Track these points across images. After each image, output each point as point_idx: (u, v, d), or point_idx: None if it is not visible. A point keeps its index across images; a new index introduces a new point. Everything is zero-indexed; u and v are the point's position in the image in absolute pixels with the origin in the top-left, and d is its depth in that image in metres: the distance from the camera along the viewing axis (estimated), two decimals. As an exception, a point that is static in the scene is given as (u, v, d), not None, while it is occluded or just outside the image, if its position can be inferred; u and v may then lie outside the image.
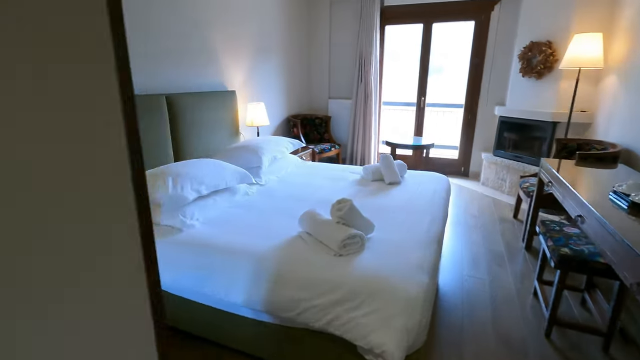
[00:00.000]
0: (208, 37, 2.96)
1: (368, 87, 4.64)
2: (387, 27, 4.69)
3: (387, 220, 1.82)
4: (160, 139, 2.44)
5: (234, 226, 1.78)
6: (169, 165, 1.97)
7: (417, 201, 2.09)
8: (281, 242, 1.59)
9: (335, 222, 1.56)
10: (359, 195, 2.24)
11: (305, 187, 2.43)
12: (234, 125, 3.26)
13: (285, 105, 4.50)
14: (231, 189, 2.18)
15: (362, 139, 4.86)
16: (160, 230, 1.72)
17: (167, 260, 1.57)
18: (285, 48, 4.26)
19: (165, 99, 2.49)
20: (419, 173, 2.76)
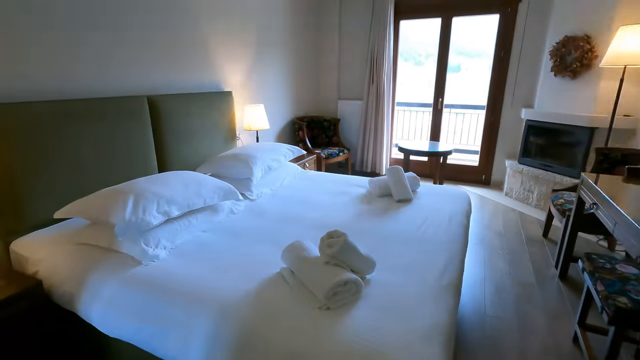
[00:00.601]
0: (201, 28, 2.67)
1: (380, 87, 4.27)
2: (402, 22, 4.31)
3: (391, 255, 1.47)
4: (141, 147, 2.16)
5: (205, 258, 1.47)
6: (134, 182, 1.68)
7: (430, 229, 1.73)
8: (258, 284, 1.27)
9: (324, 261, 1.23)
10: (361, 217, 1.90)
11: (301, 204, 2.11)
12: (230, 130, 2.97)
13: (291, 106, 4.19)
14: (213, 206, 1.88)
15: (373, 143, 4.51)
16: (118, 259, 1.43)
17: (119, 303, 1.27)
18: (290, 44, 3.95)
19: (147, 101, 2.21)
20: (435, 188, 2.40)
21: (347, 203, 2.10)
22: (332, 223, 1.81)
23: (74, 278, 1.38)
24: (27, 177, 1.62)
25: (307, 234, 1.70)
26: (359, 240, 1.55)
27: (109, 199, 1.50)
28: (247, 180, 2.26)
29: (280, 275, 1.34)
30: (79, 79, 1.92)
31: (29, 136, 1.61)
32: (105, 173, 1.96)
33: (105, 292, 1.30)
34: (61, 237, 1.60)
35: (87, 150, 1.86)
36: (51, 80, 1.79)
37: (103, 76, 2.04)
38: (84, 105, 1.84)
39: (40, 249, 1.54)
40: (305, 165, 3.48)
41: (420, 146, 3.73)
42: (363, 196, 2.23)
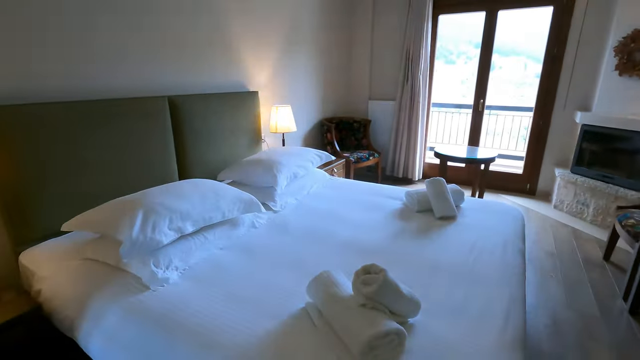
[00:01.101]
0: (225, 26, 2.51)
1: (415, 87, 3.98)
2: (441, 16, 3.98)
3: (438, 292, 1.23)
4: (161, 151, 2.03)
5: (220, 284, 1.29)
6: (147, 192, 1.52)
7: (483, 257, 1.46)
8: (279, 323, 1.07)
9: (360, 303, 1.01)
10: (398, 237, 1.65)
11: (329, 218, 1.89)
12: (255, 132, 2.80)
13: (319, 107, 3.98)
14: (232, 220, 1.70)
15: (406, 146, 4.22)
16: (124, 281, 1.28)
17: (120, 338, 1.11)
18: (319, 41, 3.73)
19: (167, 102, 2.07)
20: (481, 203, 2.11)
21: (381, 219, 1.87)
22: (365, 244, 1.59)
23: (75, 302, 1.23)
24: (38, 182, 1.51)
25: (336, 257, 1.48)
26: (397, 268, 1.32)
27: (117, 213, 1.35)
28: (270, 189, 2.07)
29: (305, 311, 1.13)
30: (95, 79, 1.79)
31: (41, 139, 1.50)
32: (122, 179, 1.83)
33: (106, 323, 1.14)
34: (69, 250, 1.48)
35: (103, 155, 1.73)
36: (65, 80, 1.67)
37: (121, 75, 1.91)
38: (100, 106, 1.71)
39: (46, 264, 1.42)
40: (334, 171, 3.26)
41: (458, 152, 3.41)
42: (399, 211, 1.98)
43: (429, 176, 4.46)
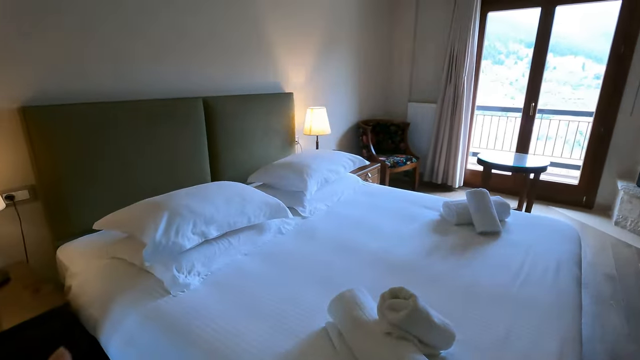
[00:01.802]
0: (262, 27, 2.49)
1: (459, 89, 3.75)
2: (490, 14, 3.72)
3: (476, 320, 1.09)
4: (194, 151, 2.04)
5: (241, 294, 1.24)
6: (174, 195, 1.51)
7: (531, 282, 1.29)
8: (299, 343, 1.00)
9: (385, 331, 0.91)
10: (433, 253, 1.52)
11: (359, 227, 1.79)
12: (289, 134, 2.76)
13: (355, 109, 3.87)
14: (258, 225, 1.66)
15: (446, 151, 3.99)
16: (147, 283, 1.27)
17: (137, 343, 1.10)
18: (358, 41, 3.63)
19: (202, 103, 2.08)
20: (531, 218, 1.90)
21: (415, 232, 1.74)
22: (396, 259, 1.47)
23: (99, 301, 1.24)
24: (77, 180, 1.56)
25: (364, 271, 1.39)
26: (429, 289, 1.21)
27: (143, 214, 1.35)
28: (300, 193, 2.01)
29: (325, 332, 1.05)
30: (134, 81, 1.83)
31: (80, 139, 1.55)
32: (157, 179, 1.86)
33: (126, 326, 1.13)
34: (100, 248, 1.50)
35: (139, 154, 1.76)
36: (106, 82, 1.72)
37: (158, 76, 1.94)
38: (137, 107, 1.74)
39: (78, 260, 1.46)
40: (368, 175, 3.15)
41: (505, 159, 3.16)
42: (436, 223, 1.84)
43: (471, 183, 4.20)
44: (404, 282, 1.30)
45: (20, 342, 1.13)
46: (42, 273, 1.61)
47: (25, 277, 1.37)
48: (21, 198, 1.51)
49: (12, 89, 1.42)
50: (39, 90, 1.50)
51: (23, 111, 1.41)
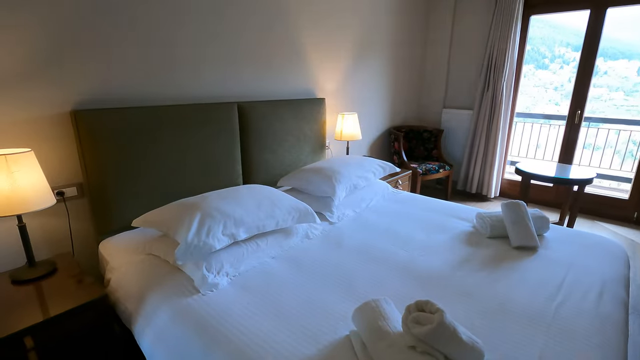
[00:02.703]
0: (295, 33, 2.53)
1: (497, 95, 3.61)
2: (533, 17, 3.56)
3: (507, 341, 1.04)
4: (228, 155, 2.11)
5: (267, 297, 1.26)
6: (207, 196, 1.57)
7: (570, 304, 1.21)
8: (322, 349, 1.00)
9: (409, 345, 0.89)
10: (463, 266, 1.47)
11: (387, 236, 1.77)
12: (319, 139, 2.78)
13: (387, 114, 3.83)
14: (286, 229, 1.68)
15: (482, 160, 3.85)
16: (180, 280, 1.32)
17: (166, 339, 1.14)
18: (393, 46, 3.59)
19: (237, 108, 2.15)
20: (572, 234, 1.79)
21: (446, 243, 1.69)
22: (424, 270, 1.44)
23: (135, 295, 1.31)
24: (119, 179, 1.66)
25: (390, 281, 1.36)
26: (459, 304, 1.17)
27: (177, 214, 1.42)
28: (328, 199, 2.02)
29: (349, 340, 1.04)
30: (172, 86, 1.93)
31: (123, 140, 1.65)
32: (192, 181, 1.94)
33: (157, 322, 1.18)
34: (138, 244, 1.59)
35: (176, 156, 1.85)
36: (147, 87, 1.82)
37: (196, 82, 2.03)
38: (177, 111, 1.83)
39: (118, 254, 1.55)
40: (398, 182, 3.10)
41: (546, 169, 2.99)
42: (468, 234, 1.78)
43: (507, 194, 4.01)
44: (432, 294, 1.27)
45: (63, 329, 1.21)
46: (85, 265, 1.72)
47: (70, 268, 1.47)
48: (70, 194, 1.62)
49: (65, 94, 1.54)
50: (88, 95, 1.61)
51: (74, 114, 1.52)
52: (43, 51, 1.45)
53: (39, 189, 1.28)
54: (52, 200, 1.33)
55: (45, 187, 1.31)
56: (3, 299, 1.25)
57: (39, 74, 1.45)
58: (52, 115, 1.52)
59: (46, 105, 1.50)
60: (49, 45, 1.46)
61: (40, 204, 1.27)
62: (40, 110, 1.48)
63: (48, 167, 1.54)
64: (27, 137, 1.47)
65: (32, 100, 1.46)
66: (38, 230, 1.56)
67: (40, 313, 1.18)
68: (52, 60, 1.48)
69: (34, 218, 1.53)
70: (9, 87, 1.39)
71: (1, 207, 1.19)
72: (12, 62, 1.38)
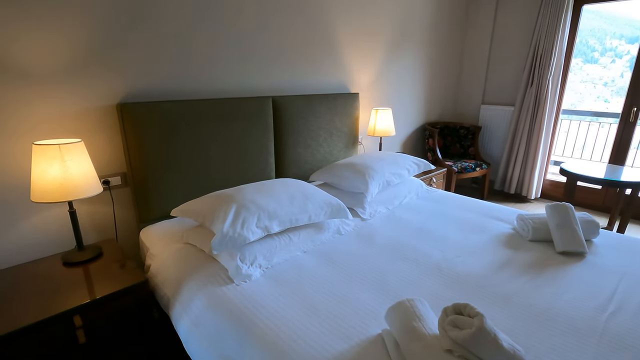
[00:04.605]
0: (331, 27, 2.51)
1: (542, 91, 3.41)
2: (586, 6, 3.31)
3: (551, 353, 0.98)
4: (262, 148, 2.14)
5: (300, 291, 1.27)
6: (242, 189, 1.60)
7: (622, 316, 1.12)
8: (354, 346, 0.99)
9: (445, 348, 0.86)
10: (502, 270, 1.40)
11: (421, 234, 1.72)
12: (352, 135, 2.75)
13: (422, 110, 3.73)
14: (318, 224, 1.68)
15: (523, 159, 3.66)
16: (215, 270, 1.36)
17: (202, 325, 1.18)
18: (430, 39, 3.48)
19: (271, 102, 2.17)
20: (624, 240, 1.66)
21: (483, 244, 1.62)
22: (460, 272, 1.39)
23: (173, 281, 1.36)
24: (160, 170, 1.73)
25: (424, 281, 1.33)
26: (497, 309, 1.12)
27: (214, 206, 1.45)
28: (361, 195, 2.00)
29: (381, 339, 1.03)
30: (212, 80, 1.97)
31: (165, 132, 1.71)
32: (226, 173, 1.99)
33: (193, 308, 1.22)
34: (176, 233, 1.65)
35: (211, 150, 1.90)
36: (188, 82, 1.87)
37: (234, 77, 2.06)
38: (214, 105, 1.88)
39: (157, 242, 1.61)
40: (432, 180, 3.01)
41: (594, 170, 2.79)
42: (508, 237, 1.70)
43: (550, 196, 3.80)
44: (468, 297, 1.22)
45: (108, 310, 1.29)
46: (127, 251, 1.82)
47: (114, 253, 1.55)
48: (115, 184, 1.71)
49: (113, 88, 1.62)
50: (133, 88, 1.69)
51: (120, 107, 1.59)
52: (90, 50, 1.53)
53: (88, 178, 1.35)
54: (99, 188, 1.41)
55: (93, 175, 1.39)
56: (55, 279, 1.35)
57: (86, 70, 1.53)
58: (100, 107, 1.60)
59: (94, 98, 1.58)
60: (94, 45, 1.53)
61: (89, 191, 1.35)
62: (88, 103, 1.57)
63: (96, 157, 1.63)
64: (77, 128, 1.56)
65: (81, 93, 1.54)
66: (86, 217, 1.66)
67: (87, 294, 1.26)
68: (98, 58, 1.56)
69: (82, 205, 1.63)
70: (59, 82, 1.48)
71: (55, 193, 1.27)
72: (62, 59, 1.47)
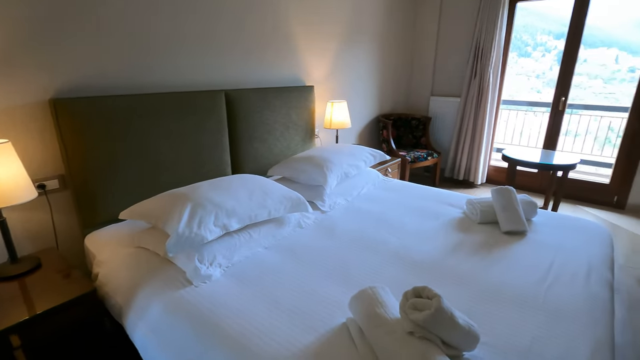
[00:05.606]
0: (284, 20, 2.47)
1: (484, 83, 3.63)
2: (520, 3, 3.57)
3: (500, 324, 1.06)
4: (215, 143, 2.06)
5: (262, 287, 1.25)
6: (198, 186, 1.53)
7: (559, 286, 1.24)
8: (319, 338, 1.00)
9: (407, 330, 0.89)
10: (455, 252, 1.49)
11: (380, 223, 1.77)
12: (309, 128, 2.75)
13: (376, 102, 3.82)
14: (279, 218, 1.66)
15: (469, 147, 3.89)
16: (171, 273, 1.30)
17: (160, 332, 1.12)
18: (381, 35, 3.56)
19: (224, 96, 2.09)
20: (559, 218, 1.83)
21: (437, 229, 1.70)
22: (417, 256, 1.45)
23: (125, 289, 1.28)
24: (104, 170, 1.60)
25: (384, 268, 1.37)
26: (451, 289, 1.19)
27: (167, 206, 1.38)
28: (320, 187, 2.00)
29: (346, 328, 1.04)
30: (158, 73, 1.86)
31: (107, 130, 1.58)
32: (179, 170, 1.89)
33: (149, 315, 1.16)
34: (126, 237, 1.55)
35: (162, 147, 1.80)
36: (129, 75, 1.75)
37: (182, 69, 1.96)
38: (162, 99, 1.77)
39: (105, 248, 1.50)
40: (387, 170, 3.11)
41: (531, 155, 3.05)
42: (458, 221, 1.80)
43: (494, 180, 4.08)
44: (426, 281, 1.28)
45: (51, 325, 1.18)
46: (71, 260, 1.67)
47: (55, 263, 1.42)
48: (52, 187, 1.56)
49: (44, 81, 1.47)
50: (69, 82, 1.54)
51: (53, 103, 1.45)
52: (11, 40, 1.36)
53: (18, 182, 1.22)
54: (33, 193, 1.27)
55: (25, 179, 1.25)
56: (-15, 296, 1.20)
57: (9, 64, 1.37)
58: (28, 104, 1.44)
59: (20, 94, 1.42)
60: (17, 35, 1.37)
61: (21, 197, 1.22)
62: (13, 100, 1.41)
63: (27, 159, 1.47)
64: (4, 127, 1.40)
65: (6, 89, 1.38)
66: (19, 225, 1.50)
67: (25, 310, 1.14)
68: (21, 49, 1.40)
69: (14, 212, 1.47)
70: (-19, 74, 1.31)
71: (-21, 201, 1.13)
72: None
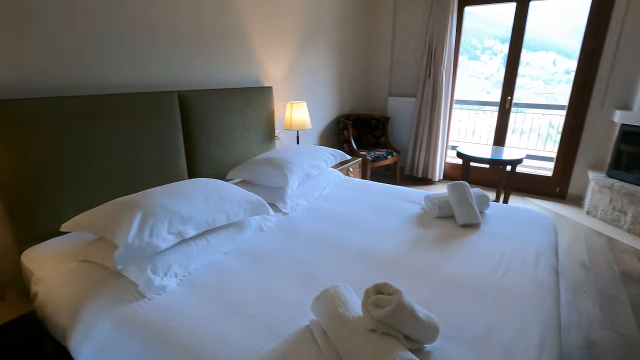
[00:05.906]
0: (240, 19, 2.42)
1: (437, 83, 3.79)
2: (467, 8, 3.76)
3: (458, 313, 1.09)
4: (169, 147, 1.96)
5: (222, 294, 1.20)
6: (149, 193, 1.44)
7: (511, 273, 1.31)
8: (282, 342, 0.97)
9: (369, 328, 0.89)
10: (415, 247, 1.52)
11: (342, 223, 1.77)
12: (268, 129, 2.70)
13: (336, 103, 3.85)
14: (238, 222, 1.61)
15: (426, 145, 4.04)
16: (121, 286, 1.21)
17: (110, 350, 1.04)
18: (338, 36, 3.59)
19: (177, 97, 2.00)
20: (508, 211, 1.93)
21: (398, 226, 1.73)
22: (379, 254, 1.46)
23: (68, 309, 1.17)
24: (42, 179, 1.46)
25: (348, 268, 1.37)
26: (414, 284, 1.20)
27: (114, 215, 1.28)
28: (281, 189, 1.97)
29: (309, 331, 1.02)
30: (104, 73, 1.73)
31: (46, 135, 1.45)
32: (129, 177, 1.77)
33: (97, 334, 1.07)
34: (68, 251, 1.42)
35: (109, 152, 1.67)
36: (68, 74, 1.61)
37: (129, 69, 1.84)
38: (105, 101, 1.65)
39: (45, 264, 1.37)
40: (349, 170, 3.13)
41: (483, 152, 3.21)
42: (418, 216, 1.84)
43: (450, 176, 4.26)
44: (388, 277, 1.29)
45: (-19, 354, 1.05)
46: (5, 279, 1.51)
47: (-15, 284, 1.27)
48: (-21, 200, 1.40)
49: (-35, 82, 1.31)
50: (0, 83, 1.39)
51: (-22, 106, 1.30)
52: None
53: None
54: (-46, 207, 1.13)
55: (-57, 192, 1.11)
56: None
57: None
58: (-52, 108, 1.28)
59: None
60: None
61: (-62, 212, 1.07)
62: None
63: (-53, 169, 1.31)
64: None
65: None
66: (-60, 244, 1.33)
67: (-53, 339, 1.01)
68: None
69: None
70: None
71: None
72: None
